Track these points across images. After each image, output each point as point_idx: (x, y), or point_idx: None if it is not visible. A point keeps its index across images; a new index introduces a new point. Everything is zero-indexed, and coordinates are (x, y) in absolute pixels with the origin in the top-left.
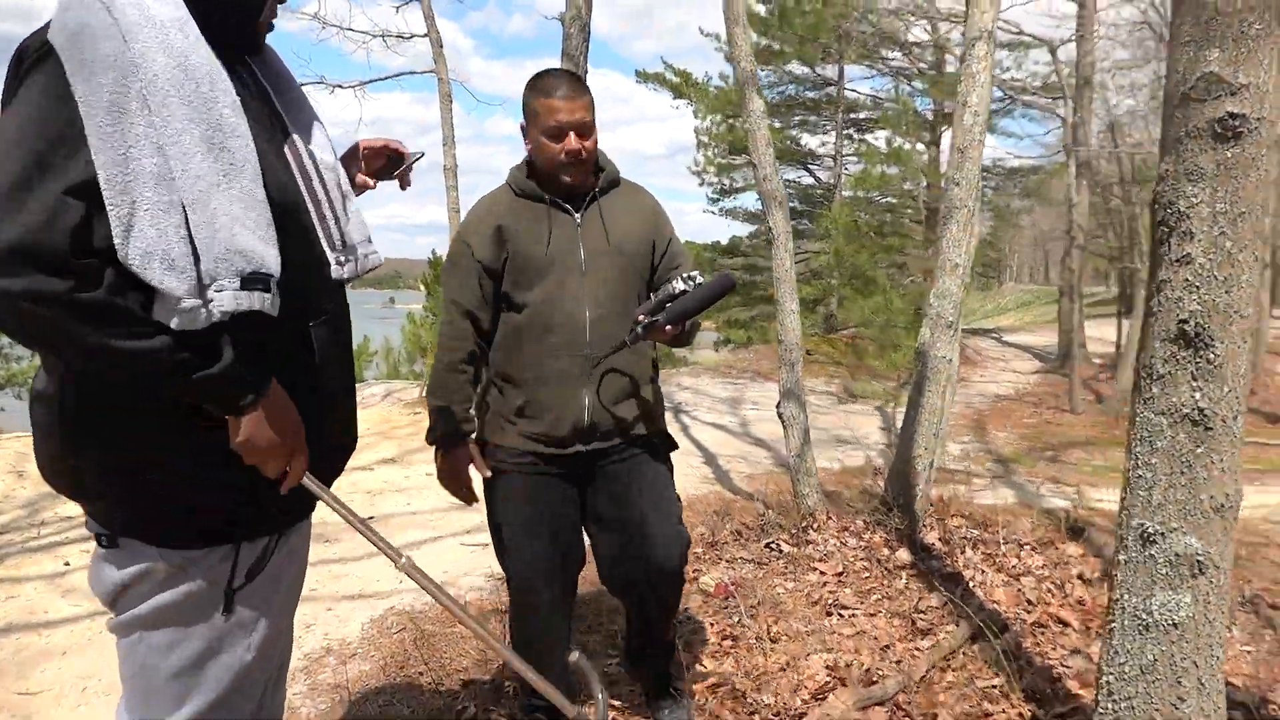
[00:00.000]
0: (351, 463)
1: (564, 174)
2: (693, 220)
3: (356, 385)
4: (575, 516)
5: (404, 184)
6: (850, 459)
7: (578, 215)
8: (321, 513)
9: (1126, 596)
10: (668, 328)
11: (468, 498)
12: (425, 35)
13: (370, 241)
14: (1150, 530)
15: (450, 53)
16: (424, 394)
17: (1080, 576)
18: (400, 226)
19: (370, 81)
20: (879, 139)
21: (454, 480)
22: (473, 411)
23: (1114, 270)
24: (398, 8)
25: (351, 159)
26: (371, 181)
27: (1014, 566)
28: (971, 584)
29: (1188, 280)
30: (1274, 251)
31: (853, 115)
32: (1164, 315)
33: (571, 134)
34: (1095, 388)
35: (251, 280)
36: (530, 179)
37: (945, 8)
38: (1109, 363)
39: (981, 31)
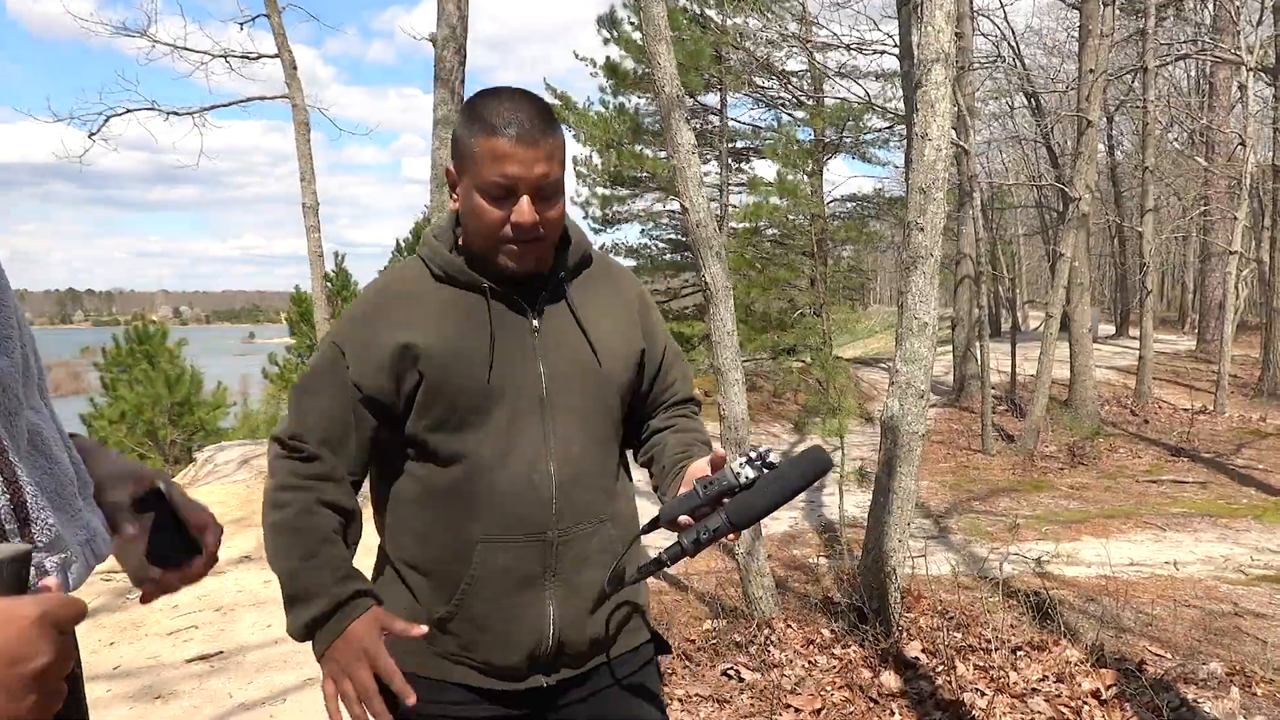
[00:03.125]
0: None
1: (505, 259)
2: None
3: (211, 447)
4: None
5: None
6: (774, 521)
7: (534, 316)
8: (155, 648)
9: None
10: (732, 535)
11: (391, 706)
12: (276, 56)
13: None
14: None
15: (308, 80)
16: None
17: (1095, 695)
18: (256, 258)
19: (212, 108)
20: (761, 169)
21: (362, 683)
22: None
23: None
24: (242, 25)
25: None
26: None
27: (1016, 684)
28: (976, 715)
29: None
30: (1160, 276)
31: (732, 145)
32: None
33: (526, 198)
34: (999, 423)
35: None
36: (461, 254)
37: (838, 31)
38: (1004, 393)
39: (939, 54)
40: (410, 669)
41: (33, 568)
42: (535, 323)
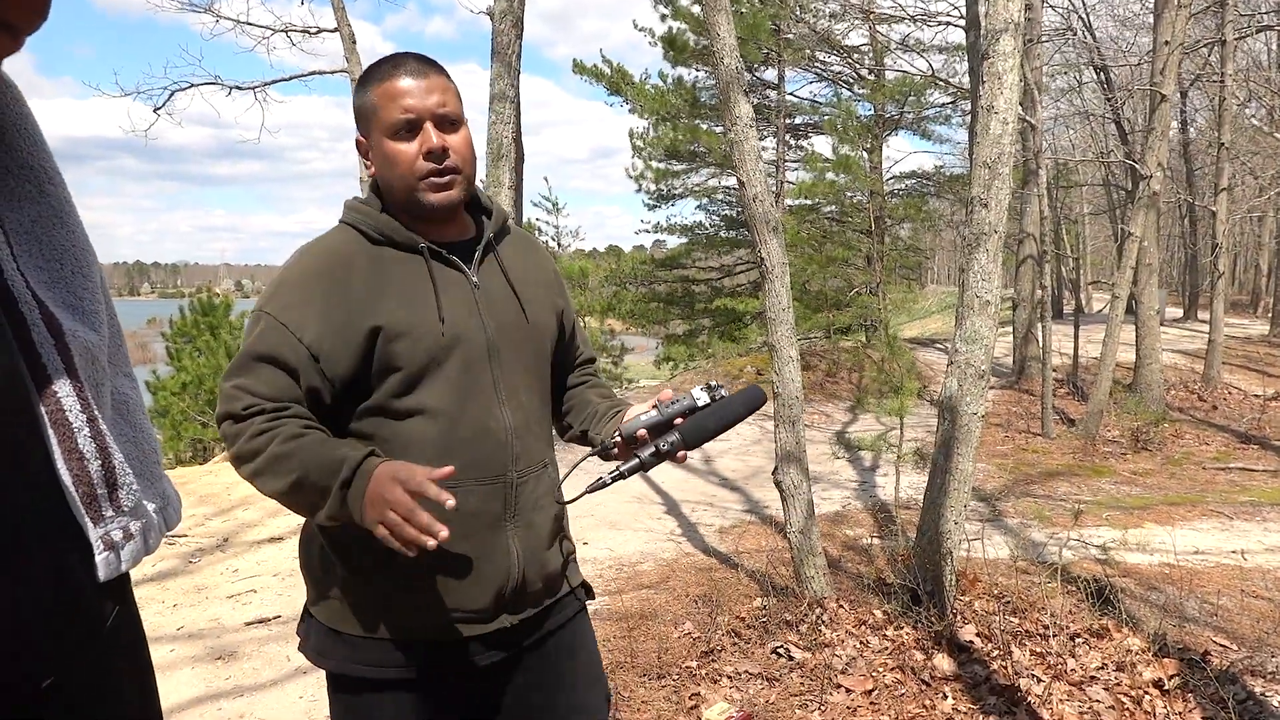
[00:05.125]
0: (261, 533)
1: (427, 193)
2: (615, 224)
3: None
4: None
5: None
6: (825, 501)
7: (472, 273)
8: (216, 611)
9: None
10: (681, 454)
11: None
12: (335, 31)
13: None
14: None
15: (367, 55)
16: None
17: (1157, 685)
18: (317, 232)
19: (273, 82)
20: (819, 145)
21: (398, 502)
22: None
23: (1033, 272)
24: (303, 0)
25: None
26: None
27: (1074, 671)
28: (1033, 701)
29: None
30: (1233, 258)
31: (789, 121)
32: None
33: (429, 125)
34: (1060, 406)
35: None
36: (388, 215)
37: (902, 3)
38: (1066, 375)
39: (1007, 24)
40: (381, 635)
41: (118, 531)
42: (475, 279)
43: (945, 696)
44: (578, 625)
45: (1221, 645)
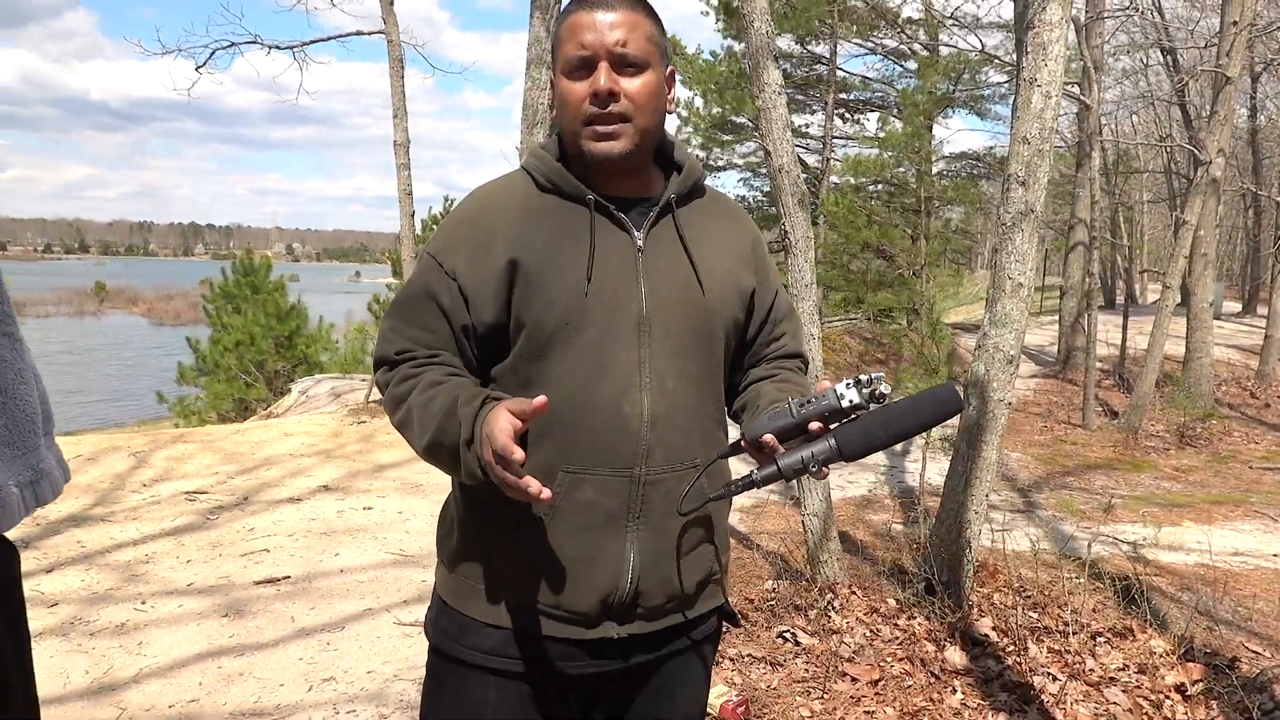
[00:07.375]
0: (281, 493)
1: (589, 141)
2: None
3: (308, 379)
4: None
5: None
6: (852, 485)
7: (639, 234)
8: (227, 569)
9: None
10: (825, 468)
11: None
12: None
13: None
14: None
15: (423, 24)
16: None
17: (1180, 690)
18: (367, 199)
19: (311, 42)
20: (870, 122)
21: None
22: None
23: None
24: None
25: None
26: None
27: (1092, 671)
28: (1046, 700)
29: None
30: None
31: (842, 96)
32: None
33: (604, 65)
34: (1103, 398)
35: None
36: (563, 163)
37: None
38: (1112, 366)
39: None
40: (484, 619)
41: None
42: (640, 242)
43: (954, 690)
44: (689, 659)
45: (1254, 652)
